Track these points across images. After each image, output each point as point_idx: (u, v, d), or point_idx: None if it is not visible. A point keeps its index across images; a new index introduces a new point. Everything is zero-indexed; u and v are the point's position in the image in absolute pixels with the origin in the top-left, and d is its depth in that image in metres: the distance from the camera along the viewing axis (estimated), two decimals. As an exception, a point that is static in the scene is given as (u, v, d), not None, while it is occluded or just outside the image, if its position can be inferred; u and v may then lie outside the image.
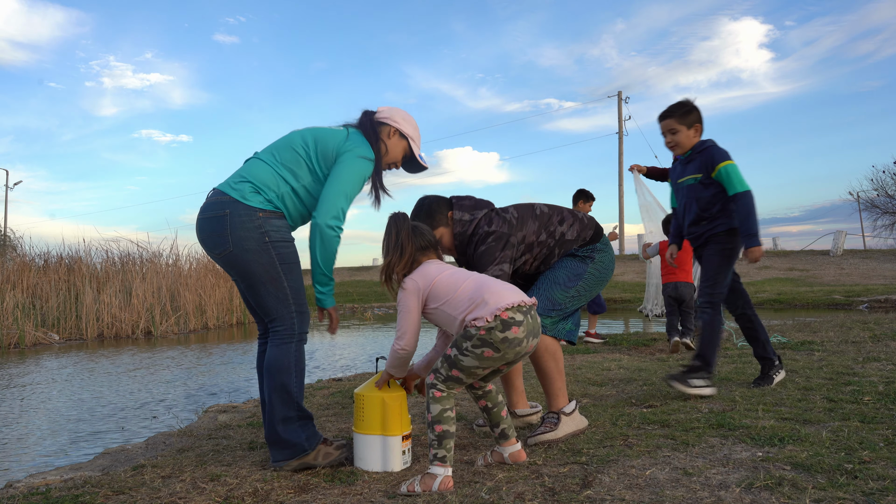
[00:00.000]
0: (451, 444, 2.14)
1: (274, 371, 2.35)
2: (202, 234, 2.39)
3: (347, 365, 6.36)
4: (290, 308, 2.38)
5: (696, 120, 3.38)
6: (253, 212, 2.32)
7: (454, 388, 2.19)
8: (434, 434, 2.14)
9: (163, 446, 3.03)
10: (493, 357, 2.11)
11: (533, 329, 2.15)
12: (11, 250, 14.13)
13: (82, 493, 2.21)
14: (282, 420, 2.33)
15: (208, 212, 2.37)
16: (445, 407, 2.16)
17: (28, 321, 9.39)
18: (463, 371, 2.15)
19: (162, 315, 10.62)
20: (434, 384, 2.19)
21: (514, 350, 2.11)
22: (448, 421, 2.15)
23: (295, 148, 2.43)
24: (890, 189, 31.76)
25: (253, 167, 2.41)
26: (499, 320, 2.07)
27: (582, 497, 1.94)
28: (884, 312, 9.49)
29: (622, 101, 31.34)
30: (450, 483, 2.08)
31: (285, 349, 2.36)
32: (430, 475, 2.10)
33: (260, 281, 2.34)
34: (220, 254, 2.35)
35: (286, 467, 2.34)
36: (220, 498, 2.12)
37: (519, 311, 2.11)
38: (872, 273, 17.10)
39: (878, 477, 1.96)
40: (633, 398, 3.42)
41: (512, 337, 2.08)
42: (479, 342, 2.09)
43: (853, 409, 2.87)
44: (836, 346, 5.05)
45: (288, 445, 2.33)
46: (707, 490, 1.94)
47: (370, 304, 15.58)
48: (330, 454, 2.38)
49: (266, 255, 2.32)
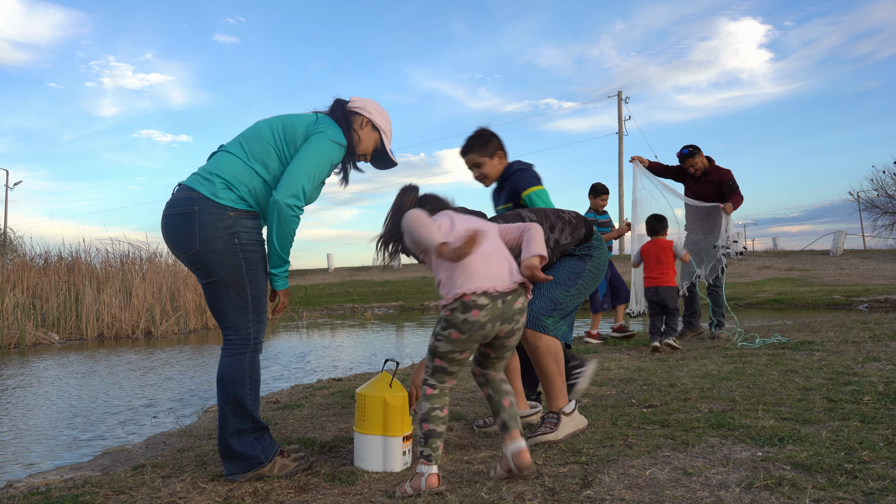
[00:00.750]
0: (437, 443, 2.11)
1: (227, 383, 2.24)
2: (168, 230, 2.27)
3: (347, 365, 6.36)
4: (247, 316, 2.28)
5: (497, 147, 3.18)
6: (224, 210, 2.22)
7: (445, 381, 2.17)
8: (421, 432, 2.13)
9: (163, 446, 3.03)
10: (461, 339, 2.07)
11: (502, 314, 2.08)
12: (11, 250, 14.13)
13: (82, 493, 2.21)
14: (235, 433, 2.25)
15: (176, 208, 2.25)
16: (435, 406, 2.14)
17: (28, 321, 9.38)
18: (443, 358, 2.12)
19: (162, 315, 10.62)
20: (425, 380, 2.18)
21: (480, 333, 2.06)
22: (435, 420, 2.12)
23: (264, 137, 2.34)
24: (890, 189, 31.75)
25: (223, 161, 2.31)
26: (460, 302, 2.04)
27: (582, 497, 1.94)
28: (884, 312, 9.49)
29: (622, 101, 31.35)
30: (434, 480, 2.06)
31: (238, 360, 2.26)
32: (417, 475, 2.10)
33: (222, 284, 2.24)
34: (185, 253, 2.24)
35: (241, 479, 2.26)
36: (220, 498, 2.12)
37: (486, 296, 2.05)
38: (872, 273, 17.09)
39: (878, 477, 1.96)
40: (633, 398, 3.42)
41: (472, 320, 2.03)
42: (446, 323, 2.08)
43: (853, 409, 2.87)
44: (836, 346, 5.05)
45: (243, 458, 2.25)
46: (707, 490, 1.94)
47: (370, 304, 15.58)
48: (286, 466, 2.31)
49: (233, 258, 2.23)
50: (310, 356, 7.14)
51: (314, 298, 16.65)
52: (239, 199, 2.26)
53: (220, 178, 2.26)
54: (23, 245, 15.14)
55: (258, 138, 2.34)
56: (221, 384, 2.26)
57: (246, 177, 2.28)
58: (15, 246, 15.21)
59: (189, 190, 2.26)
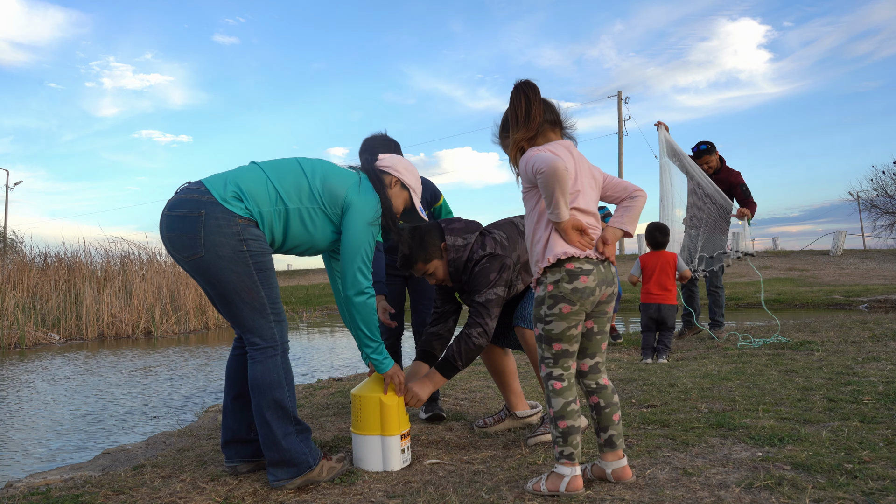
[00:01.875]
0: (577, 439, 1.98)
1: (264, 388, 2.17)
2: (170, 231, 2.15)
3: (347, 365, 6.36)
4: (267, 318, 2.20)
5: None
6: (232, 216, 2.12)
7: (569, 366, 2.02)
8: (558, 431, 1.99)
9: (163, 446, 3.03)
10: (573, 311, 1.96)
11: (604, 277, 2.00)
12: (12, 251, 14.13)
13: (82, 493, 2.21)
14: (283, 437, 2.17)
15: (180, 209, 2.14)
16: (568, 399, 1.99)
17: (28, 321, 9.38)
18: (561, 340, 1.99)
19: (162, 315, 10.61)
20: (550, 373, 2.02)
21: (590, 300, 1.97)
22: (572, 415, 1.99)
23: (300, 173, 2.27)
24: (890, 189, 31.74)
25: (246, 174, 2.23)
26: (564, 272, 1.94)
27: (582, 497, 1.94)
28: (884, 312, 9.49)
29: (622, 101, 31.34)
30: (579, 483, 1.95)
31: (271, 363, 2.19)
32: (556, 475, 1.98)
33: (234, 290, 2.14)
34: (187, 257, 2.13)
35: (289, 486, 2.18)
36: (220, 498, 2.12)
37: (588, 262, 1.96)
38: (872, 273, 17.09)
39: (877, 477, 1.96)
40: (633, 398, 3.42)
41: (582, 287, 1.94)
42: (553, 300, 1.97)
43: (853, 409, 2.87)
44: (836, 346, 5.04)
45: (292, 463, 2.18)
46: (707, 490, 1.94)
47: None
48: (333, 468, 2.27)
49: (242, 264, 2.13)
50: (309, 356, 7.14)
51: (314, 298, 16.65)
52: (247, 210, 2.17)
53: (235, 187, 2.17)
54: (23, 245, 15.15)
55: (293, 171, 2.27)
56: (258, 391, 2.18)
57: (263, 197, 2.19)
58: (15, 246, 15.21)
59: (198, 191, 2.15)
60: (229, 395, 2.39)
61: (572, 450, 1.97)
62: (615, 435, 2.04)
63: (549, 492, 1.95)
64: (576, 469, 1.97)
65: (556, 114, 2.11)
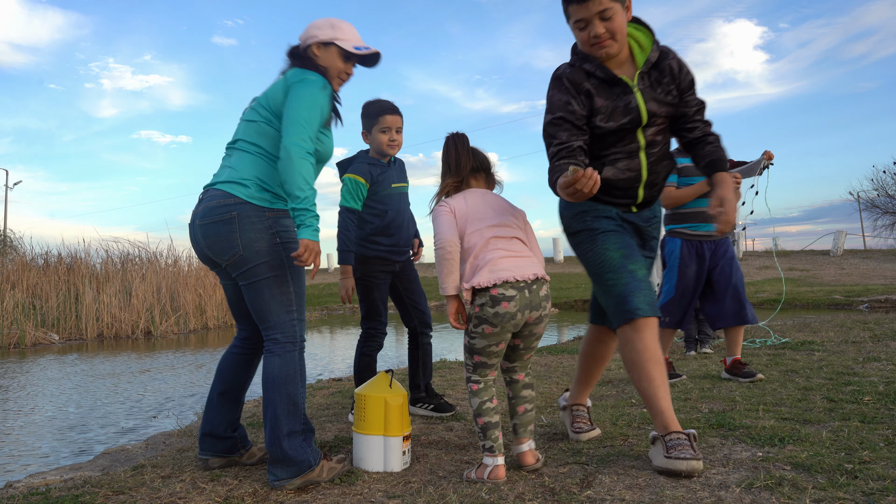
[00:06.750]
0: (496, 433, 2.18)
1: (280, 382, 2.19)
2: (207, 240, 2.22)
3: (347, 365, 6.36)
4: (291, 314, 2.25)
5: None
6: (262, 212, 2.21)
7: (487, 374, 2.23)
8: (478, 427, 2.21)
9: (163, 446, 3.03)
10: (494, 332, 2.14)
11: (529, 302, 2.13)
12: (11, 250, 14.13)
13: (82, 493, 2.21)
14: (287, 434, 2.17)
15: (212, 216, 2.21)
16: (483, 399, 2.21)
17: (28, 321, 9.38)
18: (481, 354, 2.19)
19: (162, 315, 10.61)
20: (468, 377, 2.25)
21: (511, 323, 2.13)
22: (488, 412, 2.20)
23: (254, 120, 2.29)
24: (890, 189, 31.78)
25: (244, 162, 2.26)
26: (488, 297, 2.10)
27: (582, 497, 1.94)
28: (884, 312, 9.49)
29: (622, 101, 31.24)
30: (501, 472, 2.14)
31: (289, 358, 2.22)
32: (482, 465, 2.18)
33: (266, 284, 2.21)
34: (228, 259, 2.20)
35: (288, 486, 2.17)
36: (220, 498, 2.12)
37: (512, 287, 2.11)
38: (872, 273, 17.09)
39: (878, 477, 1.96)
40: (633, 398, 3.41)
41: (503, 312, 2.10)
42: (478, 320, 2.15)
43: (853, 409, 2.87)
44: (836, 346, 5.04)
45: (294, 462, 2.17)
46: (707, 490, 1.94)
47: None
48: (333, 468, 2.26)
49: (276, 257, 2.22)
50: (309, 356, 7.14)
51: (314, 298, 16.64)
52: (275, 197, 2.25)
53: (253, 181, 2.23)
54: (23, 245, 15.15)
55: (250, 123, 2.30)
56: (273, 385, 2.19)
57: (268, 170, 2.25)
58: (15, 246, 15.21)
59: (225, 196, 2.21)
60: (216, 390, 2.42)
61: (492, 443, 2.17)
62: (518, 424, 2.27)
63: (477, 478, 2.15)
64: (497, 459, 2.16)
65: (482, 161, 2.38)
